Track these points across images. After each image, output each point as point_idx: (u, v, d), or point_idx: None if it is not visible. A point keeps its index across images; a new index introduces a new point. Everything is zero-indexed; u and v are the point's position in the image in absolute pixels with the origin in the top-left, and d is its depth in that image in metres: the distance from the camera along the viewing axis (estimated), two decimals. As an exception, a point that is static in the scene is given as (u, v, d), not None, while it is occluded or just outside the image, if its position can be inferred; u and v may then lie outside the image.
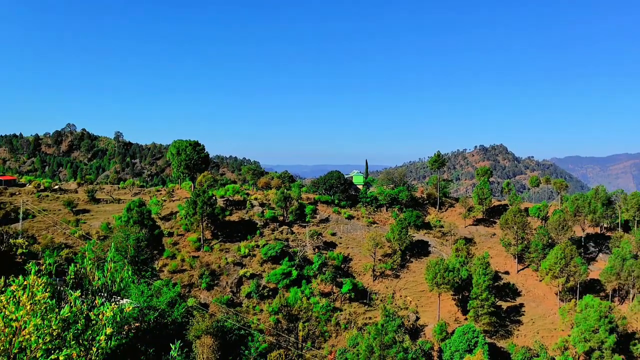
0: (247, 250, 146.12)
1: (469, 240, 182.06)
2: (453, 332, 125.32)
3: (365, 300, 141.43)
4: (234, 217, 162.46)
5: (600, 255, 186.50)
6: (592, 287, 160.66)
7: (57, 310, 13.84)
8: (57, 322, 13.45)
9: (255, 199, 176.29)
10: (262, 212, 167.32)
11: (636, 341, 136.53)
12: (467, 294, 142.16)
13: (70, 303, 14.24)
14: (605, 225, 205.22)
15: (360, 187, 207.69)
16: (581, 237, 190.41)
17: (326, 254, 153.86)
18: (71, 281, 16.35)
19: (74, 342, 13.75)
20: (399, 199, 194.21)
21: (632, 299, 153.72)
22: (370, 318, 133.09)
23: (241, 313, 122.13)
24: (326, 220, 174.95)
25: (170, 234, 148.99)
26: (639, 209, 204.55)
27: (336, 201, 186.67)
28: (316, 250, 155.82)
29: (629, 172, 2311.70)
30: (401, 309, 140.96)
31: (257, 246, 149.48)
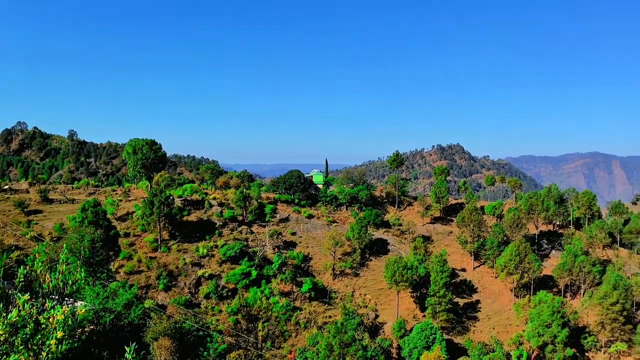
0: (205, 251, 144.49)
1: (427, 239, 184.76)
2: (411, 329, 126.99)
3: (325, 299, 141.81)
4: (192, 217, 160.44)
5: (553, 252, 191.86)
6: (546, 283, 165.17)
7: (4, 314, 13.32)
8: (4, 326, 12.96)
9: (214, 198, 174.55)
10: (221, 212, 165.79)
11: (586, 335, 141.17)
12: (425, 291, 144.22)
13: (19, 307, 13.74)
14: (557, 223, 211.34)
15: (320, 186, 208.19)
16: (535, 234, 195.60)
17: (286, 253, 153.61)
18: (20, 284, 15.77)
19: (22, 347, 13.27)
20: (358, 197, 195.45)
21: (583, 294, 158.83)
22: (330, 317, 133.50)
23: (200, 314, 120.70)
24: (286, 219, 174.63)
25: (127, 235, 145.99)
26: (590, 206, 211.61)
27: (296, 200, 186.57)
28: (276, 249, 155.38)
29: (580, 171, 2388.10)
30: (361, 307, 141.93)
31: (216, 246, 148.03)
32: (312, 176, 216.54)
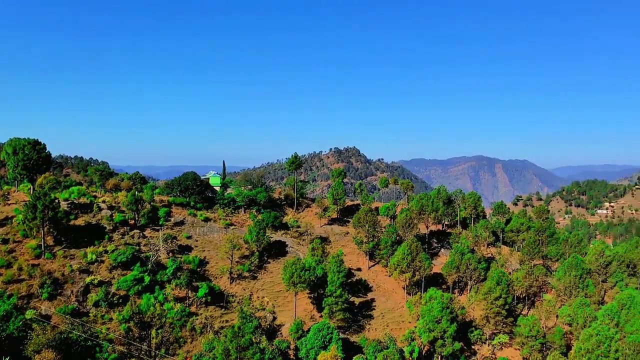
0: (94, 257, 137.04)
1: (324, 239, 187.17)
2: (309, 329, 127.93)
3: (222, 304, 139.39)
4: (80, 222, 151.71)
5: (442, 250, 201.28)
6: (436, 280, 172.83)
7: None
8: None
9: (104, 201, 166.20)
10: (112, 216, 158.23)
11: (473, 328, 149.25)
12: (322, 291, 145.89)
13: None
14: (446, 223, 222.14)
15: (217, 188, 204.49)
16: (425, 234, 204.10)
17: (181, 258, 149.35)
18: None
19: None
20: (257, 200, 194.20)
21: (470, 290, 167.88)
22: (227, 321, 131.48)
23: (88, 323, 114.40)
24: (181, 223, 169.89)
25: (5, 241, 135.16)
26: (475, 207, 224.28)
27: (192, 203, 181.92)
28: (170, 254, 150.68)
29: (466, 173, 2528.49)
30: (258, 310, 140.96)
31: (106, 251, 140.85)
32: (208, 178, 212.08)
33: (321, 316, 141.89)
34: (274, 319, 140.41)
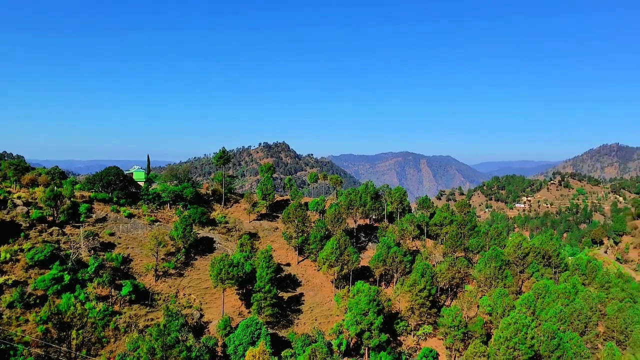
0: (8, 255, 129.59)
1: (253, 235, 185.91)
2: (237, 326, 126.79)
3: (147, 302, 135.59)
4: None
5: (370, 244, 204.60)
6: (363, 273, 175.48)
7: None
8: None
9: (19, 197, 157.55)
10: (28, 212, 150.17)
11: (399, 320, 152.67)
12: (251, 287, 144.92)
13: None
14: (373, 217, 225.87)
15: (141, 183, 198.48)
16: (354, 228, 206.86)
17: (103, 255, 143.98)
18: None
19: None
20: (183, 195, 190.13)
21: (396, 282, 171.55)
22: (152, 319, 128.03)
23: (1, 326, 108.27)
24: (103, 219, 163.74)
25: None
26: (401, 201, 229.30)
27: (115, 199, 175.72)
28: (92, 252, 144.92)
29: (393, 168, 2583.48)
30: (185, 307, 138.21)
31: (22, 250, 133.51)
32: (132, 173, 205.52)
33: (250, 312, 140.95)
34: (201, 316, 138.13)
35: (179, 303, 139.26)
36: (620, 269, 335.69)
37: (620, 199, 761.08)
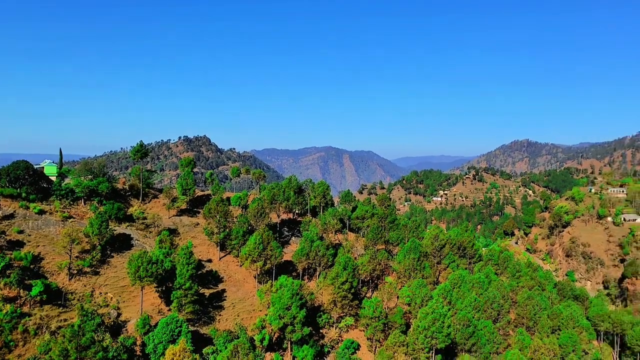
0: None
1: (173, 231, 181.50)
2: (157, 324, 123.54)
3: (59, 302, 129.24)
4: None
5: (293, 238, 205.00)
6: (287, 268, 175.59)
7: None
8: None
9: None
10: None
11: (321, 313, 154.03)
12: (171, 284, 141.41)
13: None
14: (297, 211, 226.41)
15: (53, 178, 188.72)
16: (277, 222, 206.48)
17: (11, 254, 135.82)
18: None
19: None
20: (98, 190, 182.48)
21: (319, 275, 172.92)
22: (65, 320, 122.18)
23: None
24: (11, 216, 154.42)
25: None
26: (324, 196, 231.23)
27: (24, 194, 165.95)
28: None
29: (316, 163, 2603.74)
30: (101, 306, 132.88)
31: None
32: (43, 167, 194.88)
33: (170, 310, 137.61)
34: (119, 315, 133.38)
35: (95, 302, 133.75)
36: (529, 258, 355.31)
37: (530, 192, 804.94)
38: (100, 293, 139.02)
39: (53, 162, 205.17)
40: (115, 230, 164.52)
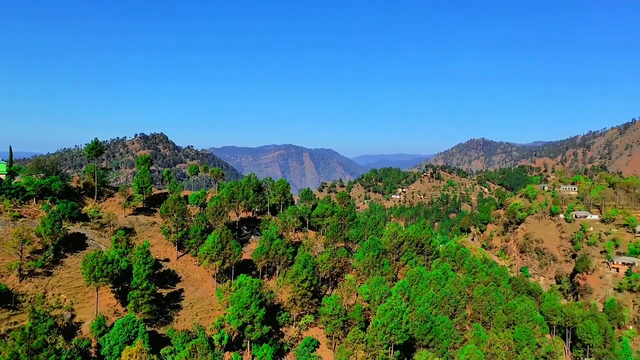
0: None
1: (129, 230, 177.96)
2: (113, 325, 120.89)
3: (9, 304, 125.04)
4: None
5: (253, 237, 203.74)
6: (246, 267, 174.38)
7: None
8: None
9: None
10: None
11: (281, 311, 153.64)
12: (127, 285, 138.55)
13: None
14: (256, 210, 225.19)
15: (2, 176, 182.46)
16: (236, 221, 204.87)
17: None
18: None
19: None
20: (51, 189, 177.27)
21: (278, 274, 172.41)
22: (16, 323, 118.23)
23: None
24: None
25: None
26: (284, 194, 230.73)
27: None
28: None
29: (276, 161, 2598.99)
30: (54, 308, 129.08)
31: None
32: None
33: (126, 310, 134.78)
34: (73, 316, 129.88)
35: (48, 304, 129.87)
36: (485, 255, 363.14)
37: (486, 190, 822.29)
38: (53, 294, 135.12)
39: (2, 160, 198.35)
40: (68, 229, 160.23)
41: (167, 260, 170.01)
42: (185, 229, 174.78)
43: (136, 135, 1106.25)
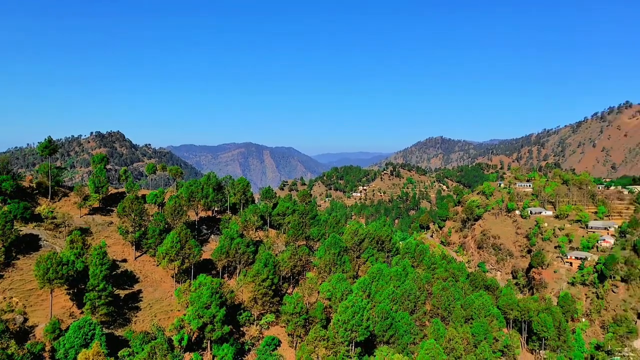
0: None
1: (85, 231, 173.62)
2: (68, 328, 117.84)
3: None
4: None
5: (213, 236, 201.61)
6: (206, 266, 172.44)
7: None
8: None
9: None
10: None
11: (242, 311, 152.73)
12: (83, 286, 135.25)
13: None
14: (216, 209, 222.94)
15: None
16: (195, 220, 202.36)
17: None
18: None
19: None
20: (1, 189, 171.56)
21: (239, 273, 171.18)
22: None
23: None
24: None
25: None
26: (244, 192, 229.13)
27: None
28: None
29: (236, 159, 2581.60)
30: (5, 312, 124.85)
31: None
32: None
33: (82, 313, 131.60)
34: (25, 320, 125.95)
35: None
36: (444, 251, 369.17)
37: (444, 187, 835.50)
38: (5, 298, 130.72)
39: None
40: (21, 230, 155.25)
41: (124, 260, 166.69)
42: (143, 229, 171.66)
43: (92, 133, 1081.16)
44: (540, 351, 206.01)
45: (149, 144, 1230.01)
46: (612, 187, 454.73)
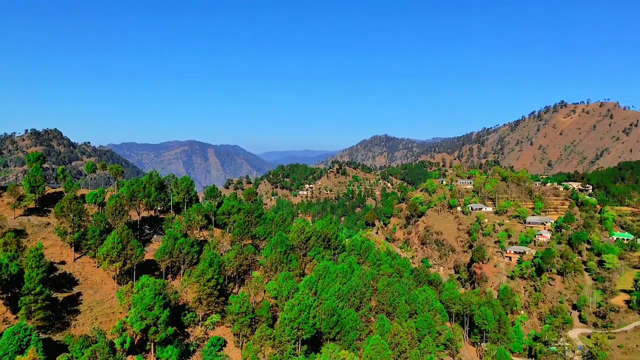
0: None
1: (20, 232, 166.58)
2: (1, 334, 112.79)
3: None
4: None
5: (155, 236, 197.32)
6: (149, 267, 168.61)
7: None
8: None
9: None
10: None
11: (186, 312, 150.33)
12: (18, 290, 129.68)
13: None
14: (159, 208, 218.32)
15: None
16: (137, 220, 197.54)
17: None
18: None
19: None
20: None
21: (183, 274, 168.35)
22: None
23: None
24: None
25: None
26: (188, 191, 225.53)
27: None
28: None
29: (179, 158, 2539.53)
30: None
31: None
32: None
33: (17, 318, 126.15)
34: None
35: None
36: (389, 247, 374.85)
37: (389, 184, 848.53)
38: None
39: None
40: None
41: (63, 262, 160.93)
42: (82, 230, 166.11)
43: (27, 131, 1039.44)
44: (482, 344, 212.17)
45: (88, 142, 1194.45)
46: (549, 184, 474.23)
